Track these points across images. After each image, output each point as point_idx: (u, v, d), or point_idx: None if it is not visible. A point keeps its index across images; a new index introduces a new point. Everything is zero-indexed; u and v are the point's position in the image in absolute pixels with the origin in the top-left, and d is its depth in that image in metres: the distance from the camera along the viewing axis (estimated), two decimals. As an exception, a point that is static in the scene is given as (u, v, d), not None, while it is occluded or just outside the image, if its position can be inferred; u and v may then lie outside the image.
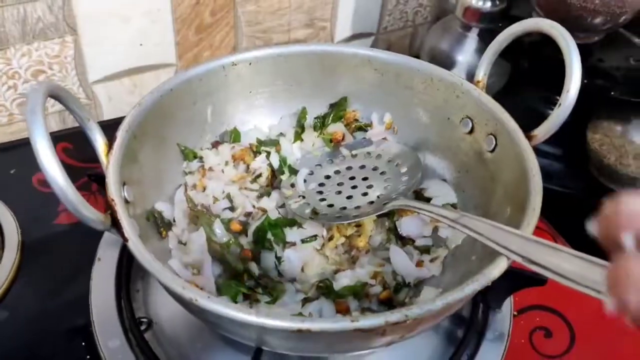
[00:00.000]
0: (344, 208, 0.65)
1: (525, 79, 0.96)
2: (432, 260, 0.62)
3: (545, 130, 0.59)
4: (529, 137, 0.59)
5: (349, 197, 0.66)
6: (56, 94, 0.51)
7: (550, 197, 0.90)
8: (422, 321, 0.45)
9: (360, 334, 0.44)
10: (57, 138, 0.85)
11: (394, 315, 0.43)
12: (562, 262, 0.44)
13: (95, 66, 0.91)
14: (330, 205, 0.65)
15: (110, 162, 0.54)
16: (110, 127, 0.57)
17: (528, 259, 0.46)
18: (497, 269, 0.47)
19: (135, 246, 0.47)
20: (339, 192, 0.67)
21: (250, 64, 0.70)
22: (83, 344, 0.63)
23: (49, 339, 0.64)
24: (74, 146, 0.84)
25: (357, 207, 0.64)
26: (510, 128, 0.60)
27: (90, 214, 0.47)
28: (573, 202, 0.91)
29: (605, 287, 0.38)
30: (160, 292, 0.61)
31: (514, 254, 0.46)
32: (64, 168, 0.45)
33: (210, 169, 0.67)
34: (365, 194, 0.66)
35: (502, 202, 0.59)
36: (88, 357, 0.62)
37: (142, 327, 0.62)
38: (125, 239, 0.48)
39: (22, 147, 0.64)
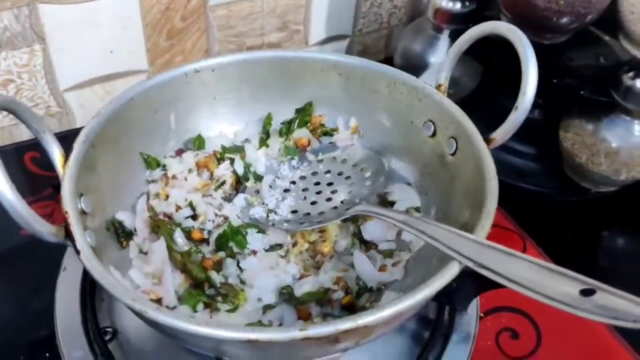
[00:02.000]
0: (308, 214, 0.65)
1: (496, 80, 0.96)
2: (394, 264, 0.62)
3: (502, 133, 0.59)
4: (488, 141, 0.59)
5: (313, 203, 0.66)
6: (9, 108, 0.51)
7: (524, 196, 0.91)
8: (374, 328, 0.45)
9: (312, 342, 0.44)
10: (25, 147, 0.85)
11: (344, 324, 0.43)
12: (517, 269, 0.44)
13: (65, 74, 0.91)
14: (294, 212, 0.65)
15: (65, 174, 0.53)
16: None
17: (480, 264, 0.46)
18: (448, 273, 0.47)
19: (87, 259, 0.47)
20: (304, 198, 0.67)
21: (213, 70, 0.69)
22: (47, 355, 0.62)
23: (12, 350, 0.63)
24: (41, 155, 0.83)
25: (321, 213, 0.64)
26: (469, 131, 0.60)
27: (43, 227, 0.47)
28: (547, 201, 0.91)
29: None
30: (124, 301, 0.61)
31: (466, 259, 0.47)
32: (32, 178, 0.45)
33: (174, 177, 0.67)
34: (329, 199, 0.66)
35: (462, 205, 0.59)
36: (52, 368, 0.62)
37: (107, 337, 0.62)
38: (77, 252, 0.48)
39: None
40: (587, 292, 0.40)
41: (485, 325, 0.68)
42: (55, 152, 0.55)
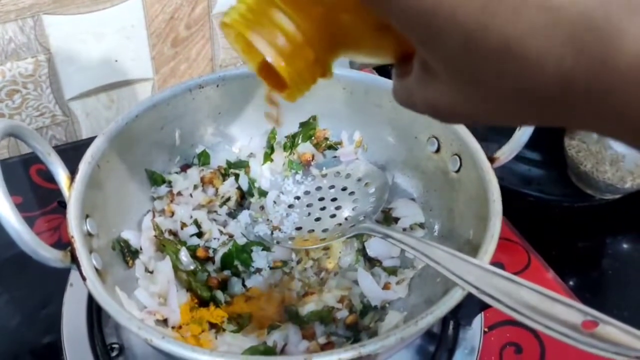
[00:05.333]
0: (312, 230, 0.65)
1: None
2: (398, 282, 0.62)
3: (507, 152, 0.59)
4: (492, 160, 0.59)
5: (317, 219, 0.66)
6: (14, 133, 0.51)
7: (529, 203, 0.91)
8: (377, 356, 0.46)
9: (315, 370, 0.44)
10: (31, 160, 0.85)
11: (347, 353, 0.43)
12: (520, 297, 0.44)
13: (70, 83, 0.91)
14: (299, 228, 0.66)
15: (71, 196, 0.54)
16: (87, 147, 0.58)
17: (483, 292, 0.46)
18: (451, 300, 0.47)
19: (93, 286, 0.47)
20: (308, 214, 0.67)
21: (217, 86, 0.70)
22: (54, 371, 0.63)
23: (20, 365, 0.64)
24: (47, 168, 0.84)
25: (325, 230, 0.64)
26: (473, 149, 0.60)
27: (48, 253, 0.48)
28: (551, 207, 0.91)
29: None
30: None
31: (469, 285, 0.47)
32: (38, 190, 0.45)
33: (179, 193, 0.67)
34: (333, 216, 0.66)
35: (466, 222, 0.59)
36: (59, 384, 0.62)
37: (114, 354, 0.63)
38: (83, 278, 0.48)
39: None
40: (590, 325, 0.40)
41: (490, 339, 0.68)
42: (61, 174, 0.55)
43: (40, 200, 0.80)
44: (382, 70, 0.80)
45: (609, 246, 0.88)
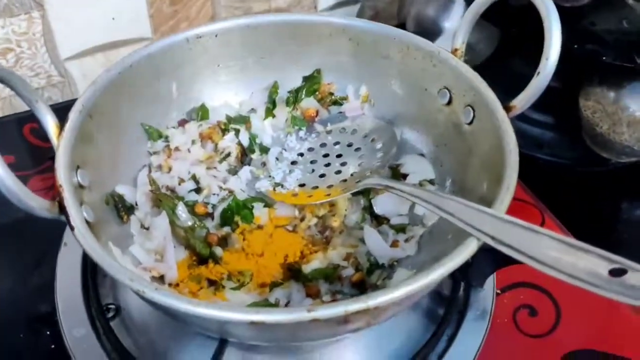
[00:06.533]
0: (316, 187, 0.62)
1: (514, 45, 0.92)
2: (407, 240, 0.59)
3: (523, 100, 0.55)
4: (507, 109, 0.55)
5: (322, 176, 0.63)
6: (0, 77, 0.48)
7: (542, 167, 0.88)
8: (385, 309, 0.42)
9: (321, 323, 0.41)
10: (25, 118, 0.82)
11: (354, 304, 0.40)
12: (540, 247, 0.41)
13: (66, 42, 0.88)
14: (302, 185, 0.63)
15: (60, 145, 0.51)
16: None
17: (500, 241, 0.43)
18: (465, 252, 0.44)
19: (82, 235, 0.44)
20: (312, 171, 0.64)
21: (216, 36, 0.66)
22: (48, 333, 0.61)
23: (12, 327, 0.62)
24: (41, 126, 0.81)
25: (330, 186, 0.61)
26: (488, 99, 0.56)
27: (34, 202, 0.45)
28: (565, 171, 0.88)
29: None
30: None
31: (485, 235, 0.44)
32: (32, 149, 0.43)
33: (177, 148, 0.64)
34: (338, 172, 0.63)
35: (479, 177, 0.56)
36: (53, 346, 0.60)
37: (109, 315, 0.60)
38: (71, 228, 0.45)
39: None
40: (617, 272, 0.37)
41: (502, 302, 0.65)
42: (50, 122, 0.52)
43: (35, 159, 0.77)
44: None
45: (625, 211, 0.85)
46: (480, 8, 0.60)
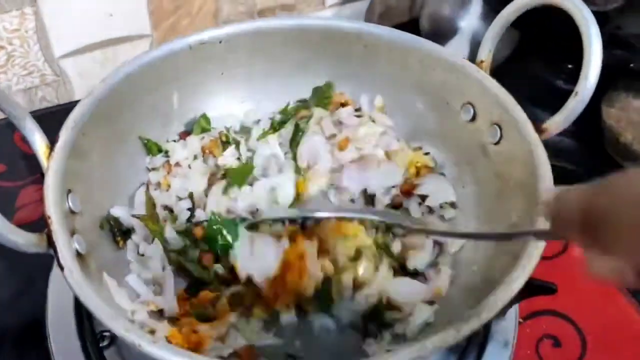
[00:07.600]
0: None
1: (533, 47, 0.87)
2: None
3: (559, 122, 0.51)
4: (540, 130, 0.51)
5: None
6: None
7: (560, 176, 0.84)
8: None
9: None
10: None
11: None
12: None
13: (60, 39, 0.84)
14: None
15: (49, 167, 0.46)
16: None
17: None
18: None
19: (72, 277, 0.40)
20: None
21: (221, 42, 0.62)
22: (37, 362, 0.57)
23: (-1, 355, 0.58)
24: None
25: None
26: (517, 118, 0.52)
27: (20, 238, 0.40)
28: (585, 182, 0.84)
29: None
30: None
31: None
32: (23, 158, 0.38)
33: (177, 164, 0.60)
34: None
35: (507, 206, 0.52)
36: (42, 376, 0.56)
37: (104, 343, 0.56)
38: (61, 267, 0.41)
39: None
40: None
41: (525, 331, 0.61)
42: (38, 142, 0.48)
43: (27, 167, 0.73)
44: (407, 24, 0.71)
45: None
46: (508, 19, 0.56)
